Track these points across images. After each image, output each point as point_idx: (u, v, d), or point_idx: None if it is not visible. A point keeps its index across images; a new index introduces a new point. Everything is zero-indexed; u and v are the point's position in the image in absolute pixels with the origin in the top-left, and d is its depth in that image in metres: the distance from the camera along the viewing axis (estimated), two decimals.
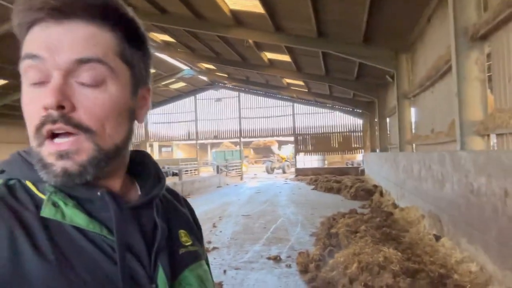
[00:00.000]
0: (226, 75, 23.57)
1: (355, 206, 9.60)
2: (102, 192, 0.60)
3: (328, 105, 25.56)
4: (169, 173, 17.92)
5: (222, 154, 30.64)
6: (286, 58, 14.58)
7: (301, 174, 24.11)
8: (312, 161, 28.46)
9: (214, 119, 29.37)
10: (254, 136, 29.75)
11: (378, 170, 14.00)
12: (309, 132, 27.03)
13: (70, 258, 0.54)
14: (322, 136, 26.61)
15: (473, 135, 5.62)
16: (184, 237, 0.71)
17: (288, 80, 20.21)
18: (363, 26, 9.19)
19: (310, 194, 14.34)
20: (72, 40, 0.56)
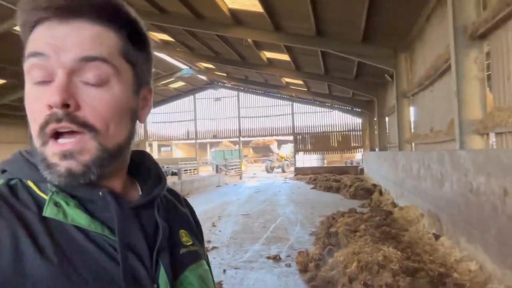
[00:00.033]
0: (225, 75, 23.55)
1: (355, 205, 9.61)
2: (104, 192, 0.60)
3: (327, 104, 25.56)
4: (168, 172, 17.89)
5: (221, 154, 30.63)
6: (285, 57, 14.57)
7: (300, 173, 24.11)
8: (311, 160, 28.46)
9: (213, 119, 29.35)
10: (253, 135, 29.75)
11: (378, 169, 14.01)
12: (308, 131, 27.02)
13: (72, 258, 0.54)
14: (321, 135, 26.60)
15: (472, 134, 5.63)
16: (185, 237, 0.72)
17: (287, 79, 20.20)
18: (362, 25, 9.18)
19: (309, 193, 14.35)
20: (77, 39, 0.56)
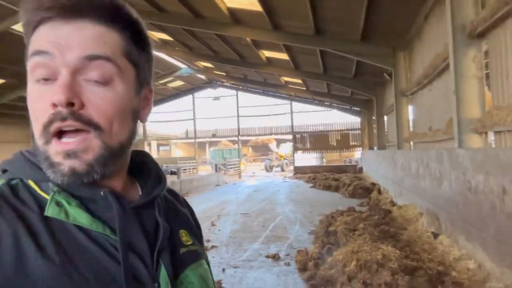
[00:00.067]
0: (224, 74, 23.54)
1: (353, 204, 9.62)
2: (105, 191, 0.61)
3: (326, 103, 25.56)
4: (167, 171, 17.86)
5: (220, 153, 30.64)
6: (284, 56, 14.56)
7: (299, 172, 24.13)
8: (310, 159, 28.49)
9: (212, 118, 29.34)
10: (252, 134, 29.75)
11: (376, 168, 14.03)
12: (307, 130, 27.04)
13: (73, 258, 0.54)
14: (320, 134, 26.62)
15: (470, 133, 5.63)
16: (184, 236, 0.72)
17: (286, 78, 20.19)
18: (361, 24, 9.18)
19: (308, 192, 14.36)
20: (81, 38, 0.56)
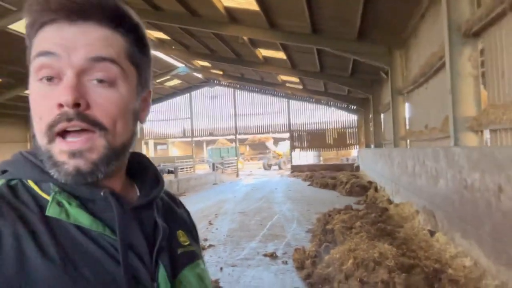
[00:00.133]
0: (221, 72, 23.52)
1: (350, 202, 9.64)
2: (105, 192, 0.61)
3: (323, 101, 25.60)
4: (164, 170, 17.84)
5: (217, 151, 30.63)
6: (281, 55, 14.56)
7: (296, 170, 24.16)
8: (307, 157, 28.52)
9: (209, 116, 29.30)
10: (250, 133, 29.73)
11: (373, 166, 14.06)
12: (304, 128, 27.07)
13: (74, 258, 0.55)
14: (317, 132, 26.64)
15: (466, 131, 5.67)
16: (182, 237, 0.73)
17: (283, 77, 20.20)
18: (358, 23, 9.20)
19: (305, 190, 14.38)
20: (86, 40, 0.57)
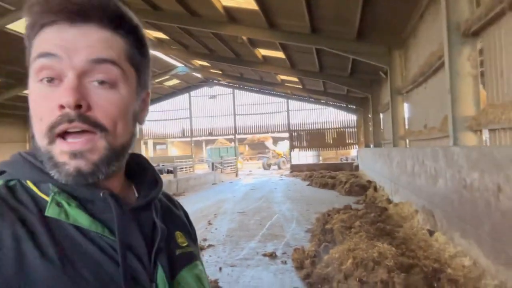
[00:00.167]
0: (220, 72, 23.51)
1: (350, 201, 9.64)
2: (105, 193, 0.62)
3: (322, 101, 25.61)
4: (164, 170, 17.85)
5: (217, 151, 30.62)
6: (280, 55, 14.56)
7: (296, 170, 24.15)
8: (307, 157, 28.54)
9: (208, 116, 29.30)
10: (249, 132, 29.76)
11: (372, 165, 14.07)
12: (303, 128, 27.09)
13: (73, 258, 0.55)
14: (316, 132, 26.67)
15: (465, 131, 5.67)
16: (180, 238, 0.73)
17: (282, 76, 20.20)
18: (357, 23, 9.20)
19: (305, 190, 14.38)
20: (87, 41, 0.58)
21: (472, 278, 3.63)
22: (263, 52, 15.32)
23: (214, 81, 27.68)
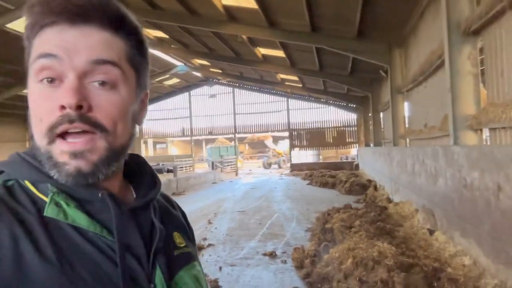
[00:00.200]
0: (220, 71, 23.50)
1: (350, 201, 9.64)
2: (103, 193, 0.62)
3: (322, 100, 25.60)
4: (163, 169, 17.85)
5: (217, 150, 30.61)
6: (280, 54, 14.55)
7: (296, 169, 24.16)
8: (307, 156, 28.55)
9: (208, 115, 29.31)
10: (249, 132, 29.76)
11: (373, 164, 14.07)
12: (303, 127, 27.09)
13: (71, 259, 0.55)
14: (316, 131, 26.67)
15: (466, 130, 5.66)
16: (178, 239, 0.73)
17: (282, 75, 20.19)
18: (357, 21, 9.19)
19: (305, 189, 14.38)
20: (88, 42, 0.58)
21: (472, 277, 3.63)
22: (263, 51, 15.31)
23: (214, 80, 27.68)
